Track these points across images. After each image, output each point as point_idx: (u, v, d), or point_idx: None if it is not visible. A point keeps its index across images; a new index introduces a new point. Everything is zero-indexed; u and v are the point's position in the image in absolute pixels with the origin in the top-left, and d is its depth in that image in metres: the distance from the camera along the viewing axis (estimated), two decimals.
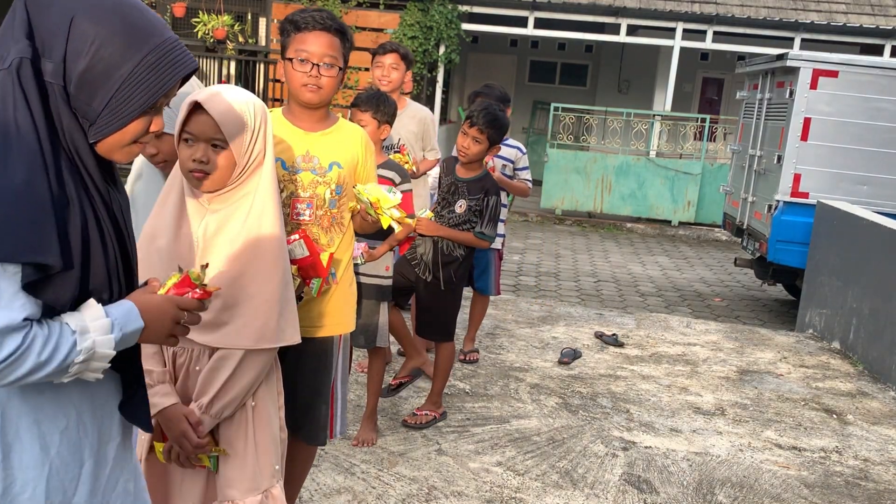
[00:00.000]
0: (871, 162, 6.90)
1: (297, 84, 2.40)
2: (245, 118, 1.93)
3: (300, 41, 2.38)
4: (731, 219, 8.40)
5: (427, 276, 3.77)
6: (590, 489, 3.47)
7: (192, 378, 2.02)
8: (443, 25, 12.35)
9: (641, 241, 11.69)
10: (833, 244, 6.35)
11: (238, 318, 1.96)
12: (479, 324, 5.13)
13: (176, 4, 12.37)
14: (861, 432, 4.43)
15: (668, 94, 13.61)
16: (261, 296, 1.97)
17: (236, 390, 1.98)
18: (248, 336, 1.96)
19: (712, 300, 8.17)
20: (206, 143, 1.91)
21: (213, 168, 1.92)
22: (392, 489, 3.30)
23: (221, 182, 1.95)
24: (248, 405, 2.04)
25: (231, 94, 1.95)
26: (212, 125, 1.90)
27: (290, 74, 2.42)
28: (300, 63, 2.38)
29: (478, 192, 3.74)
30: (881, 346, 5.43)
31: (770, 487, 3.66)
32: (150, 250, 1.96)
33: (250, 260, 1.96)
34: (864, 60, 7.21)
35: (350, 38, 2.46)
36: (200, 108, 1.90)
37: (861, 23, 12.73)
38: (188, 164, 1.92)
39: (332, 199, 2.50)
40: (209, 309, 1.84)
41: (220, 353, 1.97)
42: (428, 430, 3.89)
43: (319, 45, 2.37)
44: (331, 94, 2.44)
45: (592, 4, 12.83)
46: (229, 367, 1.97)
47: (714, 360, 5.50)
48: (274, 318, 1.99)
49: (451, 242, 3.76)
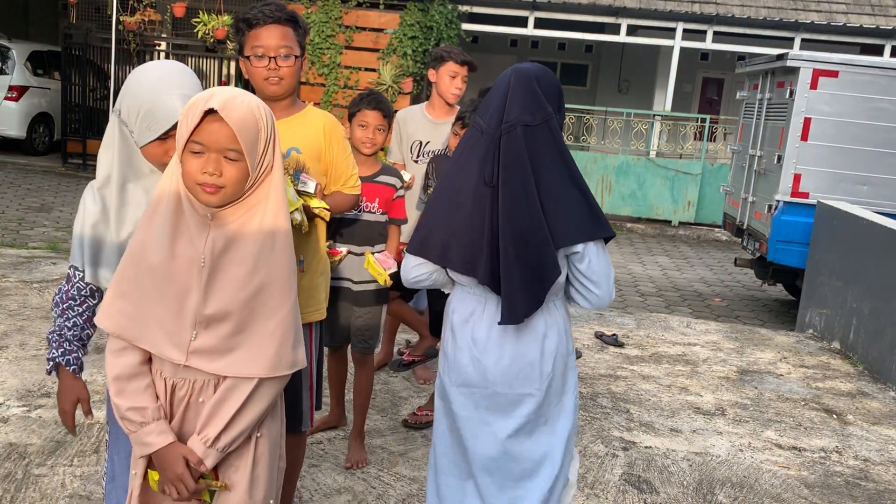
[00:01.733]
0: (871, 162, 6.90)
1: (259, 79, 2.47)
2: (260, 125, 1.76)
3: (254, 38, 2.45)
4: (732, 219, 8.40)
5: None
6: (590, 489, 3.47)
7: (194, 410, 1.83)
8: (443, 25, 12.34)
9: (641, 241, 11.69)
10: (833, 244, 6.35)
11: (250, 344, 1.78)
12: None
13: (176, 4, 12.38)
14: (861, 432, 4.42)
15: (668, 94, 13.61)
16: (275, 318, 1.79)
17: (246, 422, 1.81)
18: (261, 363, 1.78)
19: (712, 300, 8.17)
20: (219, 155, 1.72)
21: (226, 182, 1.72)
22: (392, 489, 3.30)
23: (233, 196, 1.76)
24: (254, 436, 1.87)
25: (244, 98, 1.76)
26: (228, 135, 1.70)
27: (251, 71, 2.49)
28: (258, 59, 2.45)
29: None
30: (881, 346, 5.43)
31: (770, 487, 3.66)
32: (139, 270, 1.78)
33: (263, 280, 1.78)
34: (864, 60, 7.21)
35: (303, 25, 2.52)
36: (215, 114, 1.70)
37: (861, 23, 12.73)
38: (198, 176, 1.72)
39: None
40: (216, 335, 1.77)
41: (230, 383, 1.79)
42: (428, 430, 3.88)
43: (273, 38, 2.44)
44: (293, 82, 2.50)
45: (592, 4, 12.84)
46: (240, 398, 1.78)
47: (714, 360, 5.50)
48: (289, 341, 1.81)
49: None
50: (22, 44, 13.38)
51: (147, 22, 12.36)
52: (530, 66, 2.21)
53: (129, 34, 12.24)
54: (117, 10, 12.15)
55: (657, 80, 15.31)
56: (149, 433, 1.78)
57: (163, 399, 1.82)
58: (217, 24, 11.89)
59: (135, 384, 1.80)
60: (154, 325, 1.77)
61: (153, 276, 1.77)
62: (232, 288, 1.76)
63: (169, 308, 1.77)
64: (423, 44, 12.16)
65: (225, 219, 1.77)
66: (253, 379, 1.78)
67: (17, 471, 3.15)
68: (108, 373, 1.81)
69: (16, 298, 5.31)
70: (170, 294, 1.76)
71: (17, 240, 7.53)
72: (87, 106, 12.75)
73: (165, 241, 1.77)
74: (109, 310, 1.81)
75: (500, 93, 2.15)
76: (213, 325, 1.76)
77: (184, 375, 1.80)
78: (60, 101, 12.78)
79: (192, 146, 1.72)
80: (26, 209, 9.18)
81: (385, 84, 11.67)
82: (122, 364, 1.80)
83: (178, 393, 1.82)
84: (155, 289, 1.76)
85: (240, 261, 1.77)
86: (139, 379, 1.81)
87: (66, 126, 12.77)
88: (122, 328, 1.79)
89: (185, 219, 1.78)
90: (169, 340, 1.77)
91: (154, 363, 1.83)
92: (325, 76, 12.12)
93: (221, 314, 1.76)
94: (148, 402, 1.80)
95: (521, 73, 2.16)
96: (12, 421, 3.57)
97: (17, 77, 12.72)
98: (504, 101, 2.13)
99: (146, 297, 1.77)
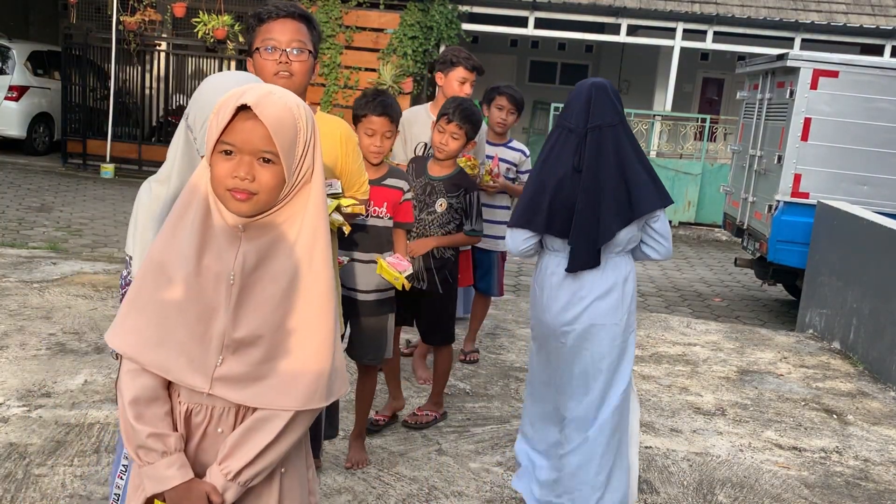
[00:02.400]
0: (871, 162, 6.90)
1: (269, 73, 2.31)
2: (298, 125, 1.56)
3: (266, 31, 2.31)
4: (732, 219, 8.40)
5: (422, 284, 3.67)
6: None
7: (211, 441, 1.64)
8: (443, 25, 12.35)
9: None
10: (833, 244, 6.35)
11: (283, 373, 1.59)
12: (480, 324, 5.11)
13: (176, 4, 12.38)
14: (861, 432, 4.43)
15: (668, 95, 13.61)
16: (312, 345, 1.60)
17: (274, 456, 1.61)
18: (296, 394, 1.58)
19: (712, 300, 8.17)
20: (253, 157, 1.54)
21: (259, 188, 1.54)
22: (392, 489, 3.30)
23: (266, 204, 1.56)
24: (278, 472, 1.67)
25: (282, 94, 1.58)
26: (263, 135, 1.52)
27: (259, 65, 2.32)
28: (268, 52, 2.29)
29: (455, 190, 3.68)
30: (881, 346, 5.43)
31: (770, 487, 3.66)
32: (159, 284, 1.59)
33: (299, 301, 1.60)
34: (865, 60, 7.21)
35: (317, 27, 2.40)
36: (248, 111, 1.52)
37: (861, 23, 12.73)
38: (228, 181, 1.53)
39: None
40: (245, 361, 1.58)
41: (262, 414, 1.59)
42: (428, 430, 3.89)
43: (286, 32, 2.30)
44: (303, 80, 2.35)
45: (592, 4, 12.84)
46: (273, 431, 1.59)
47: (714, 361, 5.50)
48: (327, 370, 1.61)
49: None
50: (22, 44, 13.39)
51: (147, 22, 12.36)
52: (602, 80, 2.86)
53: (129, 34, 12.24)
54: (117, 10, 12.16)
55: (657, 80, 15.31)
56: (168, 466, 1.58)
57: (178, 425, 1.64)
58: (217, 24, 11.89)
59: (155, 409, 1.60)
60: (174, 349, 1.59)
61: (175, 292, 1.58)
62: (264, 309, 1.58)
63: (192, 330, 1.59)
64: (423, 44, 12.17)
65: (258, 231, 1.59)
66: (289, 411, 1.59)
67: (18, 471, 3.15)
68: (124, 395, 1.61)
69: (16, 298, 5.31)
70: (194, 314, 1.58)
71: (17, 240, 7.54)
72: (87, 106, 12.75)
73: (191, 254, 1.57)
74: (122, 327, 1.62)
75: (582, 100, 2.80)
76: (242, 350, 1.58)
77: (202, 401, 1.62)
78: (60, 101, 12.79)
79: (223, 146, 1.54)
80: (26, 209, 9.18)
81: (385, 84, 11.67)
82: (141, 385, 1.60)
83: (195, 419, 1.64)
84: (177, 307, 1.58)
85: (273, 278, 1.59)
86: (160, 403, 1.61)
87: (67, 126, 12.78)
88: (137, 350, 1.60)
89: (214, 229, 1.59)
90: (191, 365, 1.59)
91: (171, 386, 1.65)
92: (325, 76, 12.12)
93: (252, 338, 1.57)
94: (169, 429, 1.61)
95: (598, 86, 2.82)
96: (12, 421, 3.57)
97: (17, 77, 12.72)
98: (588, 107, 2.78)
99: (166, 316, 1.59)
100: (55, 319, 4.96)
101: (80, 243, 7.78)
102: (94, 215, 9.28)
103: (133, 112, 13.09)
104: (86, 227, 8.61)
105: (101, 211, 9.57)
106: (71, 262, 6.46)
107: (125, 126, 13.00)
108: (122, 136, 12.82)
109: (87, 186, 11.27)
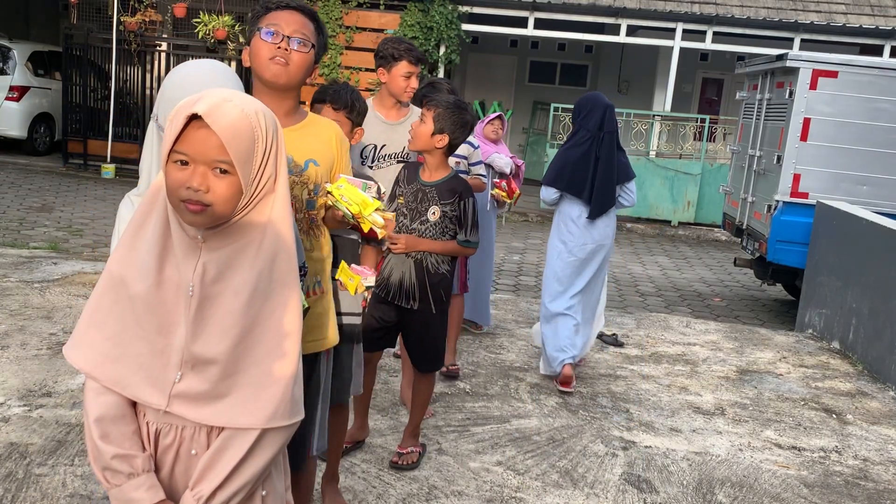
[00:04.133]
0: (870, 162, 6.91)
1: (264, 57, 2.14)
2: (256, 133, 1.50)
3: (271, 17, 2.17)
4: (731, 219, 8.40)
5: (413, 304, 3.31)
6: (590, 489, 3.48)
7: (183, 463, 1.58)
8: (443, 26, 12.36)
9: (641, 241, 11.70)
10: (833, 244, 6.36)
11: (243, 389, 1.53)
12: (457, 331, 4.78)
13: (177, 5, 12.40)
14: (861, 432, 4.43)
15: (667, 95, 13.61)
16: (274, 359, 1.54)
17: (246, 477, 1.54)
18: (259, 412, 1.52)
19: (712, 300, 8.18)
20: (207, 167, 1.48)
21: (213, 199, 1.48)
22: (392, 489, 3.31)
23: (223, 216, 1.51)
24: (258, 495, 1.61)
25: (240, 101, 1.51)
26: (216, 144, 1.46)
27: (255, 49, 2.16)
28: (268, 35, 2.13)
29: (450, 196, 3.31)
30: (881, 345, 5.44)
31: (770, 487, 3.67)
32: (118, 297, 1.54)
33: (260, 315, 1.54)
34: (864, 61, 7.22)
35: (324, 29, 2.28)
36: (200, 120, 1.46)
37: (861, 23, 12.74)
38: (181, 192, 1.47)
39: (309, 200, 2.28)
40: (204, 377, 1.52)
41: (228, 433, 1.53)
42: (428, 430, 3.89)
43: (292, 22, 2.16)
44: (299, 75, 2.20)
45: (592, 5, 12.84)
46: (241, 449, 1.52)
47: (714, 360, 5.51)
48: (290, 386, 1.55)
49: (437, 258, 3.31)
50: (23, 44, 13.39)
51: (148, 22, 12.38)
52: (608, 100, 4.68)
53: (129, 34, 12.26)
54: (118, 10, 12.17)
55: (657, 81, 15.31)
56: (136, 487, 1.52)
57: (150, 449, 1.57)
58: (217, 25, 11.91)
59: (121, 427, 1.54)
60: (132, 364, 1.53)
61: (135, 305, 1.52)
62: (225, 323, 1.51)
63: (152, 344, 1.53)
64: (423, 44, 12.17)
65: (218, 241, 1.53)
66: (254, 430, 1.53)
67: (19, 470, 3.16)
68: (89, 413, 1.54)
69: (17, 298, 5.32)
70: (153, 327, 1.53)
71: (17, 240, 7.55)
72: (87, 106, 12.77)
73: (152, 265, 1.52)
74: (81, 343, 1.56)
75: (598, 112, 4.59)
76: (201, 366, 1.52)
77: (169, 420, 1.55)
78: (61, 102, 12.81)
79: (176, 156, 1.48)
80: (27, 209, 9.19)
81: None
82: (106, 403, 1.54)
83: (164, 441, 1.57)
84: (136, 321, 1.52)
85: (235, 291, 1.52)
86: (126, 422, 1.55)
87: (67, 126, 12.79)
88: (95, 366, 1.54)
89: (173, 240, 1.53)
90: (148, 381, 1.53)
91: (137, 404, 1.58)
92: (325, 76, 12.13)
93: (211, 353, 1.51)
94: (136, 449, 1.54)
95: (609, 104, 4.64)
96: (13, 420, 3.58)
97: (18, 77, 12.74)
98: (603, 117, 4.58)
99: (125, 330, 1.53)
100: (56, 319, 4.97)
101: (81, 243, 7.79)
102: (94, 215, 9.29)
103: (134, 112, 13.10)
104: (86, 227, 8.62)
105: (102, 211, 9.58)
106: (72, 262, 6.47)
107: (126, 126, 13.02)
108: (122, 136, 12.84)
109: (88, 186, 11.29)
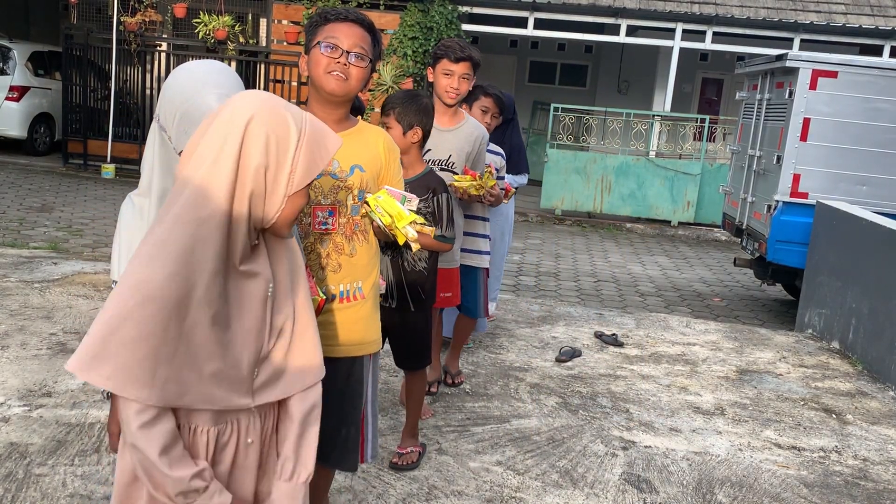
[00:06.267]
0: (870, 162, 6.91)
1: (322, 70, 2.21)
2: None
3: (330, 30, 2.22)
4: (731, 219, 8.41)
5: (390, 302, 3.25)
6: (590, 488, 3.48)
7: (242, 456, 1.64)
8: (443, 26, 12.36)
9: (641, 241, 11.70)
10: (832, 244, 6.36)
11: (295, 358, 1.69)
12: (462, 344, 4.63)
13: (177, 5, 12.40)
14: (860, 432, 4.44)
15: (667, 95, 13.62)
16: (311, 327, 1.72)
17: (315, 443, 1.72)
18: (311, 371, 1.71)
19: (712, 300, 8.18)
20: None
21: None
22: (392, 489, 3.31)
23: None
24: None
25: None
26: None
27: (314, 61, 2.22)
28: (328, 49, 2.20)
29: (423, 192, 3.23)
30: (881, 345, 5.44)
31: (770, 487, 3.67)
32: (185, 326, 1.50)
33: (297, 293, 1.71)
34: (864, 61, 7.22)
35: (380, 40, 2.32)
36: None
37: (860, 23, 12.74)
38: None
39: (354, 206, 2.32)
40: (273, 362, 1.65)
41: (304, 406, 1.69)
42: (428, 430, 3.90)
43: (351, 35, 2.21)
44: (357, 87, 2.26)
45: (592, 5, 12.85)
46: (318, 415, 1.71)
47: (713, 360, 5.51)
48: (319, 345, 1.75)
49: (413, 254, 3.22)
50: (23, 44, 13.39)
51: (148, 22, 12.38)
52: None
53: (129, 35, 12.26)
54: (118, 10, 12.17)
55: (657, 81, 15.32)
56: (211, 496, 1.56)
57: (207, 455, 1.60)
58: (218, 25, 11.91)
59: (180, 447, 1.55)
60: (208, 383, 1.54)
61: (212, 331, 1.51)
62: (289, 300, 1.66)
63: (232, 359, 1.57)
64: (423, 44, 12.18)
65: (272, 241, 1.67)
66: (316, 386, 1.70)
67: (18, 470, 3.16)
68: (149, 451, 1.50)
69: (17, 298, 5.32)
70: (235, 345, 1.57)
71: (18, 240, 7.55)
72: (87, 106, 12.77)
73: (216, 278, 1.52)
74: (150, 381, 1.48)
75: None
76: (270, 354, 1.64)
77: (227, 417, 1.60)
78: (61, 102, 12.80)
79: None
80: (27, 209, 9.19)
81: (385, 84, 11.69)
82: (163, 432, 1.51)
83: (221, 439, 1.61)
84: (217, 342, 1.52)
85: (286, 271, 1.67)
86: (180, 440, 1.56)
87: (67, 126, 12.79)
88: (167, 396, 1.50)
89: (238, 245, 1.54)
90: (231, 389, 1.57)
91: (180, 417, 1.56)
92: None
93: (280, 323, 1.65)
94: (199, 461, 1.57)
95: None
96: (13, 420, 3.58)
97: (18, 77, 12.74)
98: None
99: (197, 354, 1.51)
100: (56, 319, 4.97)
101: (81, 243, 7.79)
102: (94, 215, 9.30)
103: (134, 112, 13.11)
104: (86, 227, 8.62)
105: (102, 211, 9.59)
106: (72, 262, 6.47)
107: (126, 126, 13.02)
108: (122, 136, 12.84)
109: (88, 186, 11.29)
